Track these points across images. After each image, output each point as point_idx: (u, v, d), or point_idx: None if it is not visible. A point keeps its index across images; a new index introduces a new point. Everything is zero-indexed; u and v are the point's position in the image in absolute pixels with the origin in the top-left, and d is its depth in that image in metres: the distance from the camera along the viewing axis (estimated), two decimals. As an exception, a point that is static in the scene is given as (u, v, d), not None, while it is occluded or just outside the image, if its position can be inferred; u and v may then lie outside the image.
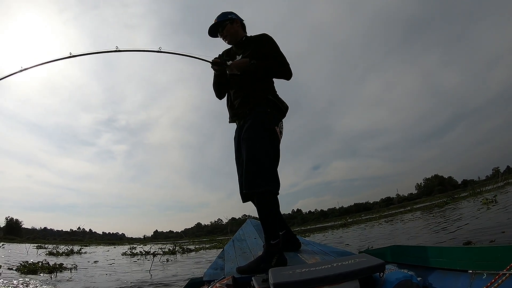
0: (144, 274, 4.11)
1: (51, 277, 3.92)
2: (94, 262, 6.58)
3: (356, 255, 1.46)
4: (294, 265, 1.49)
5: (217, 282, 1.39)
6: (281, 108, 1.98)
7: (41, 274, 4.13)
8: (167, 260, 6.33)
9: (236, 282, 1.43)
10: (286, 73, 2.02)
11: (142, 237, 49.49)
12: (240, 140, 1.95)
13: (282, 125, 1.99)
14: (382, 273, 1.12)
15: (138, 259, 7.18)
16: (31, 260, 5.00)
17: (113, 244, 23.79)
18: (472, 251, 1.15)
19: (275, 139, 1.90)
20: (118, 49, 2.01)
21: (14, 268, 4.41)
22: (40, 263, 4.73)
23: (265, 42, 2.01)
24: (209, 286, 1.40)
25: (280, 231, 2.00)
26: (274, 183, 1.79)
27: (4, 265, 4.83)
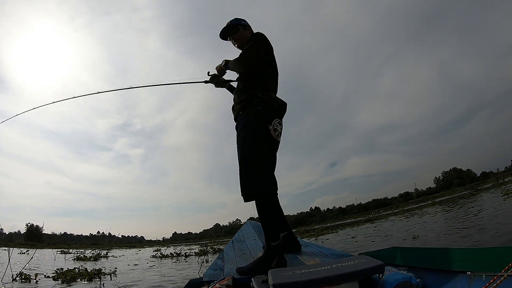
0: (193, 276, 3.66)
1: (102, 284, 3.46)
2: (134, 265, 6.28)
3: (356, 256, 1.45)
4: (294, 266, 1.49)
5: (216, 282, 1.38)
6: (274, 106, 1.88)
7: (82, 281, 3.69)
8: (206, 261, 5.97)
9: (236, 283, 1.43)
10: (242, 64, 1.94)
11: (161, 239, 49.75)
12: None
13: (278, 123, 1.89)
14: (381, 274, 1.12)
15: (177, 261, 6.88)
16: (67, 267, 4.60)
17: (134, 247, 23.72)
18: (471, 252, 1.15)
19: (269, 138, 1.82)
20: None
21: (51, 276, 4.01)
22: (77, 270, 4.33)
23: (250, 38, 2.03)
24: (208, 287, 1.39)
25: (282, 232, 1.97)
26: (269, 184, 1.75)
27: (37, 270, 4.46)
